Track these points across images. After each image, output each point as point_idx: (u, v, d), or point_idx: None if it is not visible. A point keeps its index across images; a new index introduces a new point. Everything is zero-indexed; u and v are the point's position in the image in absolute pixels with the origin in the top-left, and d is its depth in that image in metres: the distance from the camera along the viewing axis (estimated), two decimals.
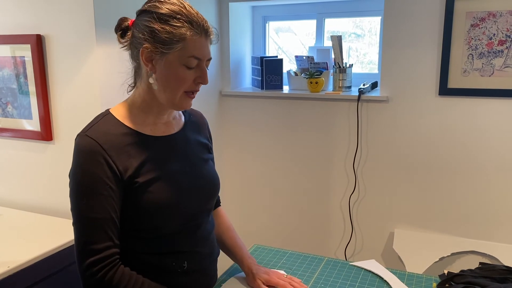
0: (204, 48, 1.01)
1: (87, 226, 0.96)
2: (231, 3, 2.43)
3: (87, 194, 0.96)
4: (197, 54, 1.00)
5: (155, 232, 1.05)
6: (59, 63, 1.73)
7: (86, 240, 0.96)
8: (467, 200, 2.12)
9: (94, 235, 0.95)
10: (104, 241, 0.96)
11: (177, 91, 1.02)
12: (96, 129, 1.00)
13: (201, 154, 1.17)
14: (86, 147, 0.97)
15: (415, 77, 2.11)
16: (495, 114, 2.01)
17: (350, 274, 1.39)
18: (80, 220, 0.97)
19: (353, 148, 2.30)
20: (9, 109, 1.89)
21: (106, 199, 0.97)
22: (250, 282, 1.25)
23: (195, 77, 1.02)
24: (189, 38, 0.98)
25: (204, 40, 1.01)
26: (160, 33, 0.97)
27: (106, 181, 0.97)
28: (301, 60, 2.47)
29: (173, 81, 1.00)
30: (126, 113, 1.06)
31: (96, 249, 0.95)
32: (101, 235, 0.96)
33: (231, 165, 2.63)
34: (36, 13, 1.72)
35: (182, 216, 1.07)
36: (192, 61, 1.00)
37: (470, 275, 1.28)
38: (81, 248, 0.96)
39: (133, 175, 1.00)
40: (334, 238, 2.45)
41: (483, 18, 1.94)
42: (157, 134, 1.08)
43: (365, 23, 2.46)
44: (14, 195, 1.97)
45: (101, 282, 0.95)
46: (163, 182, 1.04)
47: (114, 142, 0.99)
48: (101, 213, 0.96)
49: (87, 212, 0.96)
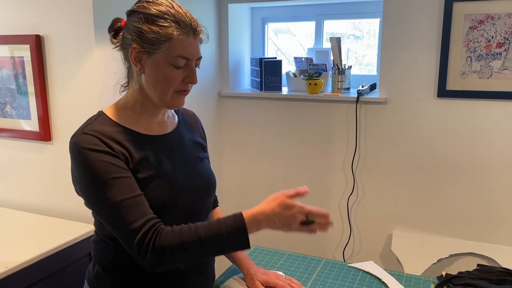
0: (192, 47, 1.01)
1: (119, 211, 0.94)
2: (230, 4, 2.43)
3: (104, 183, 0.95)
4: (185, 54, 1.00)
5: None
6: (58, 63, 1.73)
7: (123, 223, 0.94)
8: (466, 202, 2.13)
9: (128, 216, 0.94)
10: (141, 217, 0.95)
11: (167, 91, 1.02)
12: (92, 127, 1.00)
13: (196, 153, 1.17)
14: (86, 142, 0.96)
15: (414, 79, 2.12)
16: (494, 116, 2.01)
17: (348, 275, 1.39)
18: (110, 209, 0.95)
19: (352, 149, 2.30)
20: (8, 109, 1.88)
21: (125, 180, 0.96)
22: (248, 284, 1.25)
23: (184, 77, 1.02)
24: (176, 38, 0.98)
25: (192, 39, 1.00)
26: (147, 33, 0.98)
27: (116, 164, 0.96)
28: (300, 61, 2.47)
29: (161, 80, 1.01)
30: (119, 114, 1.06)
31: (136, 227, 0.94)
32: (135, 214, 0.94)
33: (229, 166, 2.63)
34: (35, 14, 1.72)
35: (179, 215, 1.07)
36: (179, 61, 1.00)
37: (468, 277, 1.29)
38: (123, 233, 0.95)
39: (134, 169, 1.00)
40: (333, 240, 2.45)
41: (481, 20, 1.95)
42: (151, 133, 1.08)
43: (364, 25, 2.47)
44: (12, 195, 1.97)
45: (155, 253, 0.93)
46: (161, 180, 1.04)
47: (112, 138, 1.00)
48: (126, 194, 0.95)
49: (112, 198, 0.94)
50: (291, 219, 1.00)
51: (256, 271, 1.26)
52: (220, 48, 2.51)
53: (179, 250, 0.94)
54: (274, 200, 1.01)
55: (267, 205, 1.00)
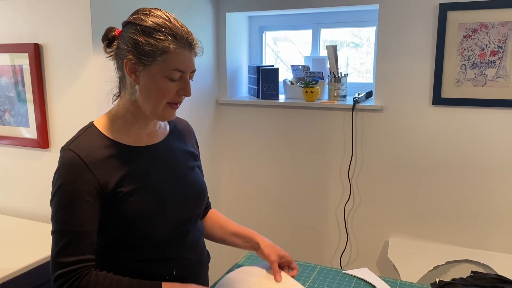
0: (187, 60, 1.02)
1: (61, 239, 0.97)
2: (228, 13, 2.46)
3: (64, 207, 0.98)
4: (180, 67, 1.01)
5: (142, 240, 1.06)
6: (56, 71, 1.75)
7: (58, 251, 0.97)
8: (462, 209, 2.14)
9: (65, 248, 0.97)
10: (75, 255, 0.97)
11: (160, 102, 1.03)
12: (79, 143, 1.02)
13: (187, 162, 1.18)
14: (68, 161, 0.99)
15: (409, 87, 2.14)
16: (489, 123, 2.03)
17: (343, 282, 1.40)
18: (56, 231, 0.98)
19: (348, 156, 2.32)
20: (7, 117, 1.90)
21: (84, 213, 0.98)
22: (269, 255, 1.22)
23: (178, 89, 1.03)
24: (172, 51, 0.99)
25: (187, 53, 1.02)
26: (144, 46, 0.99)
27: (84, 195, 0.98)
28: (296, 69, 2.49)
29: (155, 92, 1.02)
30: (109, 125, 1.07)
31: (65, 262, 0.96)
32: (73, 249, 0.97)
33: (227, 173, 2.65)
34: (34, 23, 1.75)
35: (169, 224, 1.08)
36: (175, 74, 1.01)
37: (461, 284, 1.29)
38: (53, 259, 0.98)
39: (115, 187, 1.02)
40: (330, 247, 2.45)
41: (475, 29, 1.97)
42: (140, 144, 1.09)
43: (363, 33, 2.49)
44: (10, 202, 1.98)
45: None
46: (146, 192, 1.05)
47: (96, 155, 1.01)
48: (76, 226, 0.97)
49: (62, 224, 0.98)
50: None
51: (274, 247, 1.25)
52: (218, 56, 2.53)
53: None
54: None
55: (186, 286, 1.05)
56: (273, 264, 1.20)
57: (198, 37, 1.07)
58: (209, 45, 2.44)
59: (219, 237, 1.31)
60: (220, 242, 1.32)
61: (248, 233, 1.27)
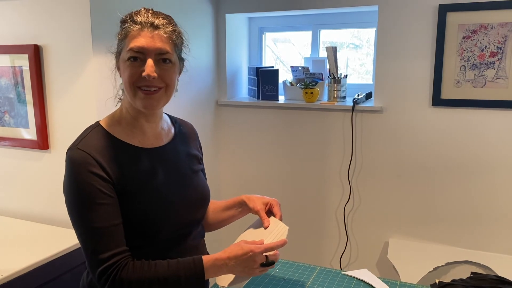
0: (145, 39, 1.01)
1: (92, 237, 0.98)
2: (228, 14, 2.46)
3: (86, 206, 0.98)
4: (135, 45, 1.00)
5: (144, 240, 1.06)
6: (56, 73, 1.75)
7: (93, 250, 0.98)
8: (462, 210, 2.14)
9: (99, 245, 0.97)
10: (110, 249, 0.98)
11: (129, 88, 1.03)
12: (87, 142, 1.02)
13: (191, 165, 1.18)
14: (78, 160, 0.99)
15: (409, 88, 2.14)
16: (488, 124, 2.03)
17: (342, 283, 1.40)
18: (85, 232, 0.98)
19: (348, 157, 2.32)
20: (6, 118, 1.90)
21: (107, 207, 0.98)
22: (255, 205, 1.23)
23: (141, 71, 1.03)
24: (131, 34, 1.02)
25: (147, 32, 1.01)
26: (117, 39, 1.05)
27: (103, 190, 0.98)
28: (296, 70, 2.50)
29: (124, 77, 1.03)
30: (115, 125, 1.08)
31: (103, 258, 0.97)
32: (106, 245, 0.98)
33: (227, 174, 2.64)
34: (34, 24, 1.75)
35: (171, 226, 1.08)
36: (132, 54, 1.01)
37: (461, 285, 1.29)
38: (90, 259, 0.99)
39: (123, 184, 1.02)
40: (329, 248, 2.45)
41: (475, 30, 1.97)
42: (145, 146, 1.09)
43: (362, 34, 2.49)
44: (9, 203, 1.98)
45: (114, 286, 0.97)
46: (151, 194, 1.05)
47: (105, 154, 1.01)
48: (103, 222, 0.98)
49: (89, 223, 0.98)
50: (250, 262, 1.02)
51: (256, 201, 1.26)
52: (218, 57, 2.53)
53: (136, 286, 0.98)
54: (234, 246, 1.05)
55: (226, 250, 1.04)
56: (259, 213, 1.22)
57: (198, 38, 1.08)
58: (209, 46, 2.44)
59: (216, 220, 1.31)
60: (219, 225, 1.32)
61: (235, 200, 1.29)
